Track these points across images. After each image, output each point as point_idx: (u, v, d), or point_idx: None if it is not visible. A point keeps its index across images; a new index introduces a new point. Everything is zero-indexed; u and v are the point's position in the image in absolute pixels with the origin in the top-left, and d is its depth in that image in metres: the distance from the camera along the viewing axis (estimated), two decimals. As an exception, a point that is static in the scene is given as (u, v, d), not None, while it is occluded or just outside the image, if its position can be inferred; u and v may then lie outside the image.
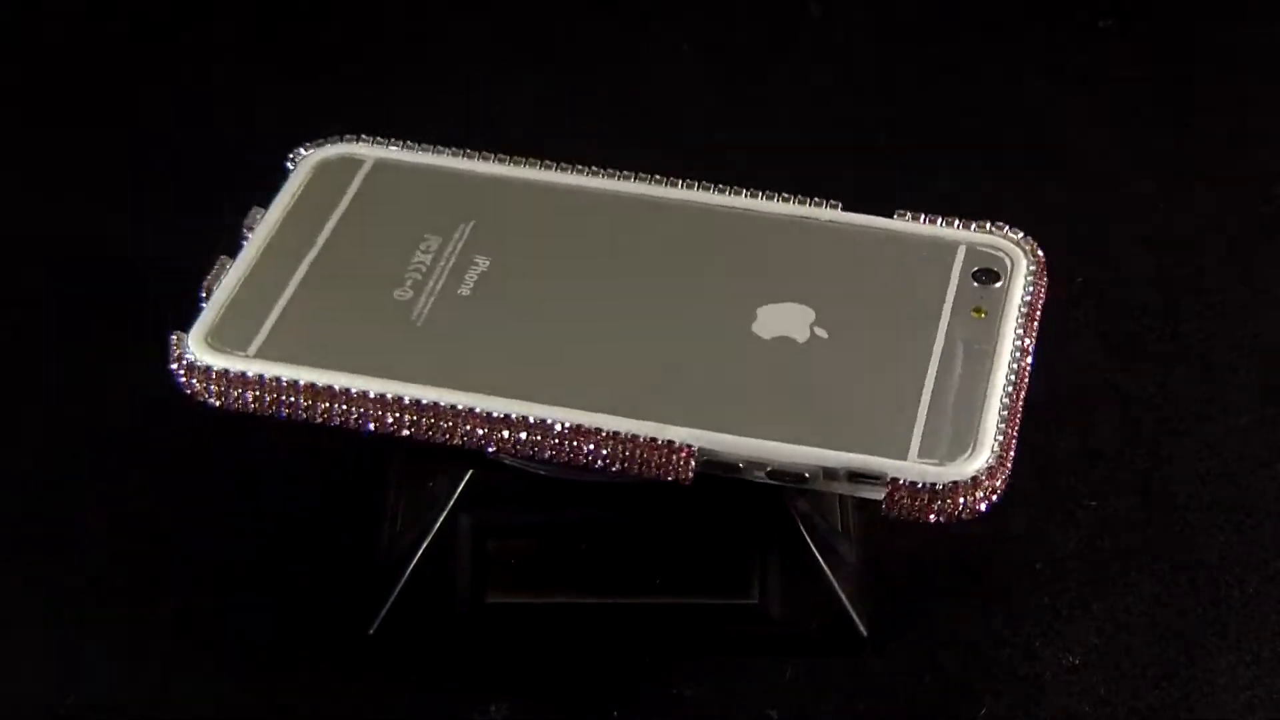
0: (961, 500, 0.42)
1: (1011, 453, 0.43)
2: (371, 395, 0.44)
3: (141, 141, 0.66)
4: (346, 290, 0.47)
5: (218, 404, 0.45)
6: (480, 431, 0.44)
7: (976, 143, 0.66)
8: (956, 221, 0.49)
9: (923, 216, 0.49)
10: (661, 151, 0.65)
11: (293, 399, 0.45)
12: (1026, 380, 0.45)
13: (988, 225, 0.49)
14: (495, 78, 0.69)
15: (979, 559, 0.51)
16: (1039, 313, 0.47)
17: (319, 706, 0.48)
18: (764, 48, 0.71)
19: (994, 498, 0.43)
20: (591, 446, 0.43)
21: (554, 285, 0.47)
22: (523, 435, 0.44)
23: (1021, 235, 0.49)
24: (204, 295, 0.47)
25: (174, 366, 0.46)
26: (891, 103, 0.68)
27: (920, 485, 0.42)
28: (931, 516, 0.43)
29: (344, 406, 0.44)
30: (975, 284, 0.48)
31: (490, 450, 0.45)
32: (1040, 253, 0.49)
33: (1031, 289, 0.48)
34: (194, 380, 0.45)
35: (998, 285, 0.48)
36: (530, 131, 0.67)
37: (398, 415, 0.44)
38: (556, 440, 0.44)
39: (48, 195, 0.64)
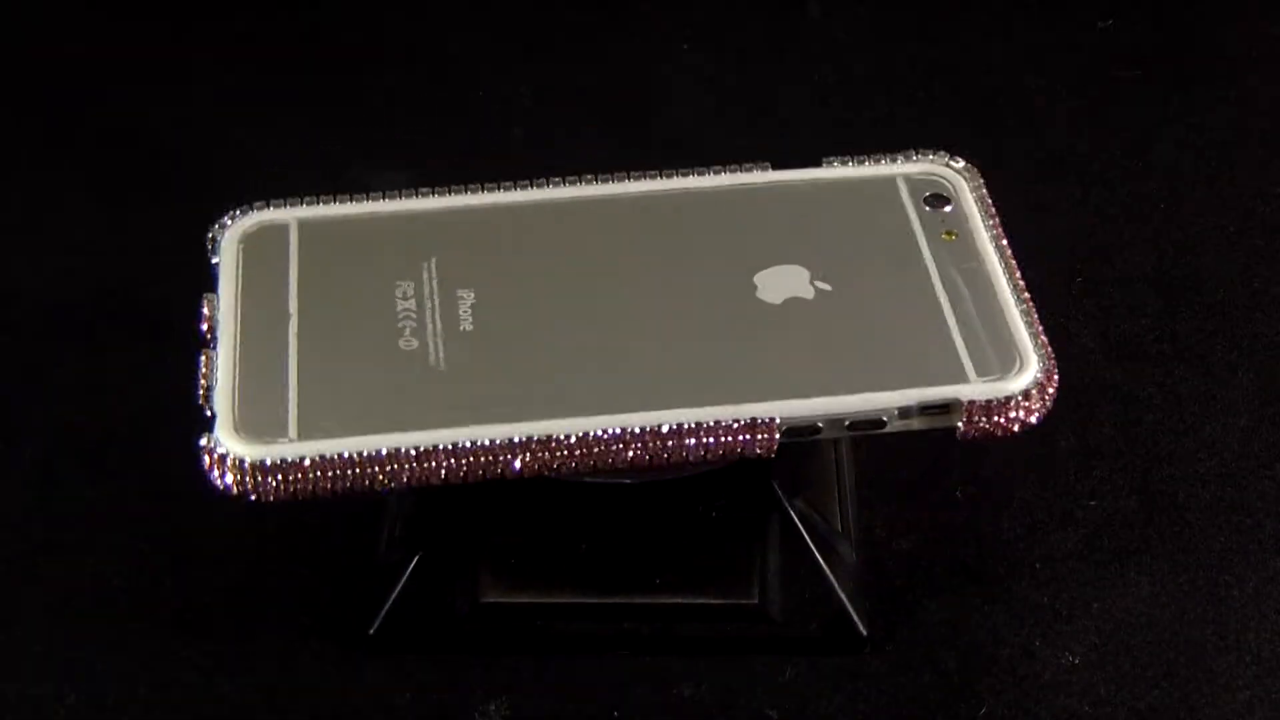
0: (1033, 406, 0.44)
1: (1052, 351, 0.45)
2: (442, 448, 0.43)
3: (141, 140, 0.66)
4: (350, 353, 0.45)
5: (273, 498, 0.42)
6: (562, 455, 0.43)
7: (977, 143, 0.66)
8: (883, 157, 0.50)
9: (850, 159, 0.50)
10: (661, 151, 0.65)
11: (355, 472, 0.42)
12: (1024, 283, 0.47)
13: (913, 154, 0.50)
14: (495, 78, 0.69)
15: (979, 559, 0.51)
16: (1000, 222, 0.49)
17: (319, 706, 0.48)
18: (764, 48, 0.71)
19: (1054, 397, 0.44)
20: (673, 443, 0.43)
21: (548, 300, 0.46)
22: (598, 450, 0.43)
23: (949, 156, 0.50)
24: (201, 395, 0.44)
25: (215, 472, 0.42)
26: (891, 102, 0.68)
27: (993, 402, 0.44)
28: (1004, 430, 0.44)
29: (413, 466, 0.42)
30: (928, 209, 0.49)
31: (574, 471, 0.43)
32: (974, 168, 0.50)
33: (984, 202, 0.49)
34: (246, 480, 0.42)
35: (949, 208, 0.49)
36: (530, 132, 0.67)
37: (472, 461, 0.43)
38: (640, 446, 0.43)
39: (48, 196, 0.65)
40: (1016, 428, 0.44)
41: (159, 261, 0.61)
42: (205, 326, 0.46)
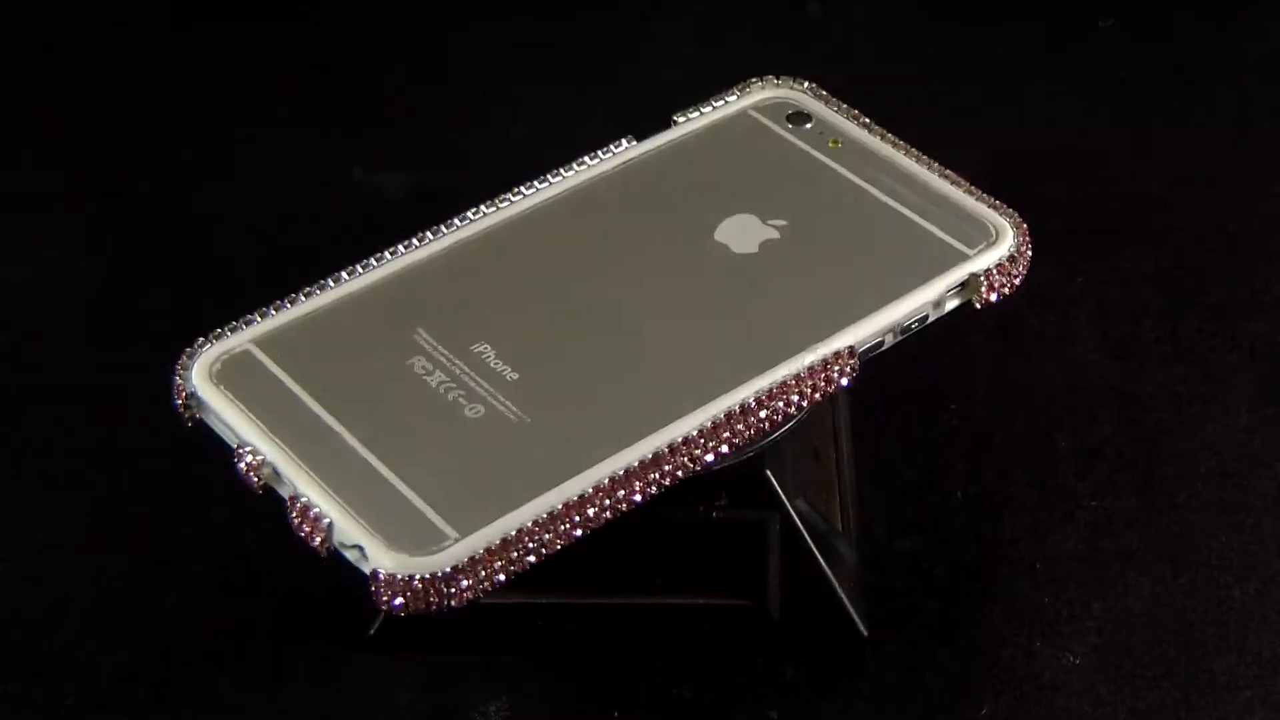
0: (1026, 256, 0.47)
1: (1005, 205, 0.48)
2: (604, 484, 0.41)
3: (141, 140, 0.66)
4: (432, 442, 0.43)
5: (469, 600, 0.40)
6: (703, 445, 0.42)
7: (977, 143, 0.66)
8: (721, 98, 0.52)
9: (697, 110, 0.52)
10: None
11: (535, 543, 0.41)
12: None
13: (745, 86, 0.52)
14: (496, 78, 0.69)
15: (979, 559, 0.51)
16: (864, 114, 0.51)
17: (319, 706, 0.48)
18: (764, 48, 0.71)
19: (1031, 243, 0.48)
20: (781, 402, 0.44)
21: (560, 319, 0.46)
22: (727, 432, 0.43)
23: (775, 77, 0.52)
24: (319, 541, 0.41)
25: (400, 600, 0.40)
26: (891, 103, 0.68)
27: (1000, 266, 0.47)
28: (1013, 288, 0.47)
29: (586, 514, 0.41)
30: (793, 126, 0.51)
31: (714, 460, 0.43)
32: (801, 79, 0.52)
33: (837, 105, 0.51)
34: (440, 593, 0.40)
35: (811, 123, 0.51)
36: (530, 132, 0.67)
37: (629, 487, 0.42)
38: (760, 413, 0.43)
39: (48, 196, 0.65)
40: (1020, 281, 0.47)
41: (159, 262, 0.61)
42: (257, 479, 0.42)
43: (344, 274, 0.47)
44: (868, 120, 0.51)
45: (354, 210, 0.63)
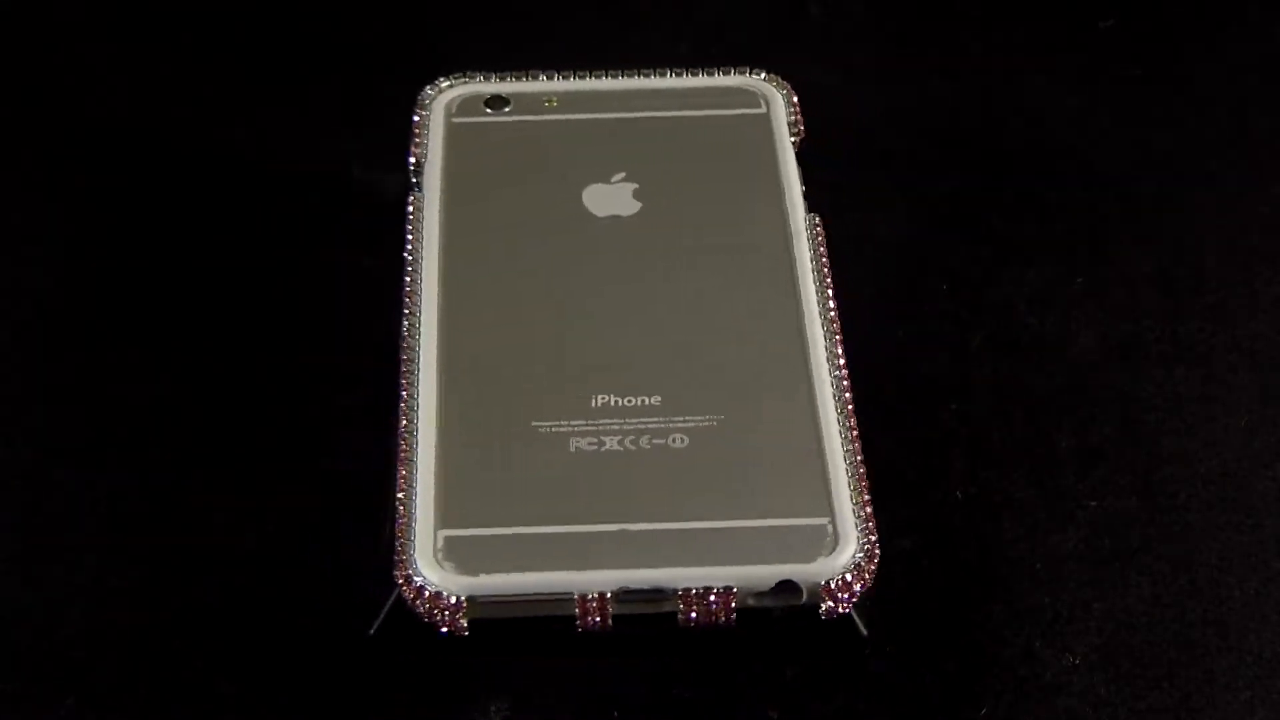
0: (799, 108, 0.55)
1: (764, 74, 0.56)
2: (843, 410, 0.46)
3: (140, 139, 0.66)
4: (687, 482, 0.43)
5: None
6: (842, 350, 0.47)
7: (976, 142, 0.66)
8: (423, 128, 0.54)
9: (419, 148, 0.53)
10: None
11: (866, 485, 0.46)
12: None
13: (426, 98, 0.54)
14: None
15: (979, 559, 0.51)
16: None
17: (319, 706, 0.48)
18: (764, 48, 0.71)
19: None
20: (826, 287, 0.48)
21: (627, 341, 0.45)
22: (837, 323, 0.47)
23: (438, 82, 0.55)
24: (733, 610, 0.43)
25: (864, 590, 0.44)
26: (891, 103, 0.68)
27: (795, 106, 0.55)
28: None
29: (859, 445, 0.46)
30: (492, 109, 0.53)
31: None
32: (462, 71, 0.54)
33: (499, 74, 0.54)
34: (874, 565, 0.44)
35: (510, 104, 0.53)
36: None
37: (847, 403, 0.47)
38: (825, 308, 0.47)
39: (48, 196, 0.64)
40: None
41: (159, 261, 0.61)
42: (610, 619, 0.44)
43: (403, 423, 0.45)
44: (559, 73, 0.52)
45: (354, 210, 0.63)
